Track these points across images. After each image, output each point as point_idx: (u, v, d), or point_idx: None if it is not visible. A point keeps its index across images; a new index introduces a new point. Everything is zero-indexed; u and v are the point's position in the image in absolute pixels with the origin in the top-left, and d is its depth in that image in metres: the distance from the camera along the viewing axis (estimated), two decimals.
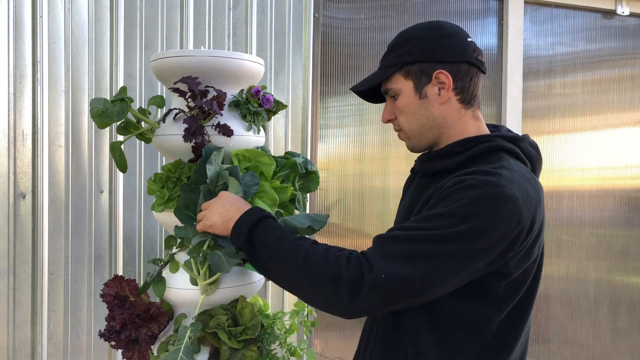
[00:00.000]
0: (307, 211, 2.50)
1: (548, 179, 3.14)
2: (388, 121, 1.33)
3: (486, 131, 1.31)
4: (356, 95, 1.39)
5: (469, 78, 1.26)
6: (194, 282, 1.40)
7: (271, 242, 1.20)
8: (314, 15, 2.51)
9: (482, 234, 1.08)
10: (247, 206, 1.31)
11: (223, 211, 1.30)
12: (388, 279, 1.08)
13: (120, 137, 1.55)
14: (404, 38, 1.30)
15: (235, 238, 1.26)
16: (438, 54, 1.26)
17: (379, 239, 1.16)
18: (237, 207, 1.30)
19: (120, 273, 2.21)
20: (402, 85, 1.28)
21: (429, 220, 1.12)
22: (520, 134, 1.31)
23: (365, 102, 1.42)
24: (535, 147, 1.31)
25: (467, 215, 1.09)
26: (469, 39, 1.28)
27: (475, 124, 1.29)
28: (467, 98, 1.27)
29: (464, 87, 1.26)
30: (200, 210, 1.36)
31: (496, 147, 1.23)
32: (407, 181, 1.49)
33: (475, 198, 1.10)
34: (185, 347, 1.31)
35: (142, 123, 1.48)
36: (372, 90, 1.35)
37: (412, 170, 1.44)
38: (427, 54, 1.26)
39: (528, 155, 1.28)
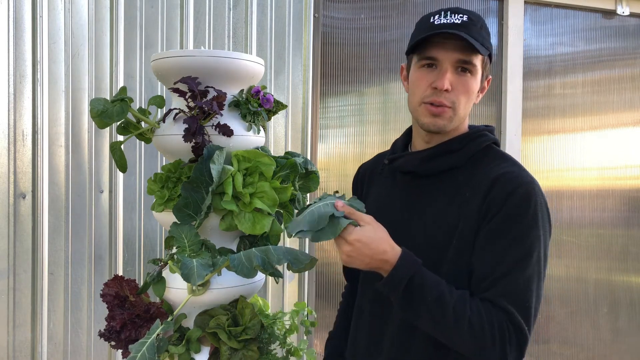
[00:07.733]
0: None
1: (548, 179, 3.14)
2: (446, 90, 1.23)
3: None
4: (356, 95, 1.39)
5: None
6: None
7: (429, 301, 1.14)
8: (314, 15, 2.51)
9: (549, 224, 1.22)
10: (395, 249, 1.17)
11: (371, 253, 1.14)
12: (532, 328, 1.16)
13: (120, 137, 1.55)
14: (485, 29, 1.27)
15: (392, 287, 1.15)
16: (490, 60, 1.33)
17: (515, 303, 1.15)
18: (385, 248, 1.16)
19: (120, 273, 2.21)
20: (479, 69, 1.26)
21: (521, 244, 1.16)
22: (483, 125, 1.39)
23: (365, 102, 1.42)
24: None
25: (537, 221, 1.18)
26: None
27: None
28: None
29: None
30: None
31: (488, 140, 1.31)
32: (366, 177, 1.48)
33: (536, 203, 1.18)
34: (151, 343, 1.28)
35: (142, 123, 1.47)
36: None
37: (383, 168, 1.43)
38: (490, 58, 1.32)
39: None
